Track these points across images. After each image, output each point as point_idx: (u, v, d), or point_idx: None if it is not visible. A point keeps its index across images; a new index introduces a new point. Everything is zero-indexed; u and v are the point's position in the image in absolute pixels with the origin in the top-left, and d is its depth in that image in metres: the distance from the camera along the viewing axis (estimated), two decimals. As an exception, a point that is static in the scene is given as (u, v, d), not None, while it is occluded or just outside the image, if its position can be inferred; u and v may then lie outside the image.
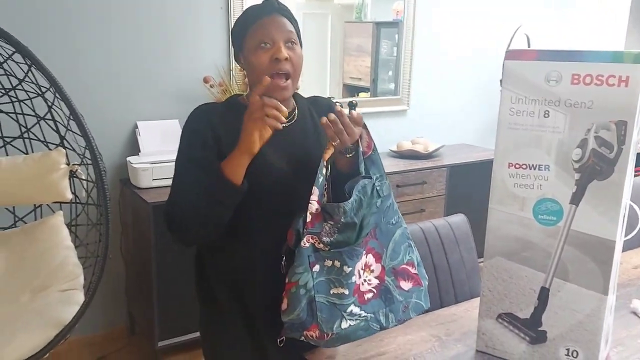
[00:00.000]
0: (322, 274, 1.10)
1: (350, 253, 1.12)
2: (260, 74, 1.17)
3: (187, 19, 2.56)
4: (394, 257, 1.18)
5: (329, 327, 1.08)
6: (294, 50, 1.19)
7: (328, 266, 1.10)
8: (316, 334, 1.08)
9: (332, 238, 1.12)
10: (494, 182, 1.14)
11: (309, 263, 1.09)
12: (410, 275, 1.20)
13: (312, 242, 1.11)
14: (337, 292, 1.09)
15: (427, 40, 3.32)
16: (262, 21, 1.18)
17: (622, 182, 1.02)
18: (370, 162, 1.21)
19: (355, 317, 1.10)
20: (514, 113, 1.10)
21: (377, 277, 1.15)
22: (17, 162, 1.78)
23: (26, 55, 1.60)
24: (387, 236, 1.19)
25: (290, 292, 1.09)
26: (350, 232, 1.13)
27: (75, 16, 2.32)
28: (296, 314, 1.07)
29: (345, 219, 1.11)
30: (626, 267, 1.66)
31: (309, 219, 1.11)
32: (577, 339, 1.09)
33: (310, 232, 1.11)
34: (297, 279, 1.08)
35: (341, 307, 1.09)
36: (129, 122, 2.51)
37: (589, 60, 1.02)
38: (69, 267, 1.70)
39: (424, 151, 3.08)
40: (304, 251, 1.10)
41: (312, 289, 1.08)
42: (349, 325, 1.09)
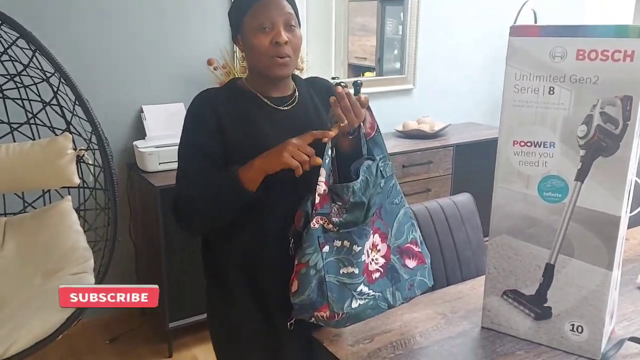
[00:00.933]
0: (332, 254, 1.11)
1: (359, 233, 1.13)
2: (260, 57, 1.17)
3: (190, 1, 2.55)
4: (398, 236, 1.19)
5: (340, 307, 1.09)
6: (293, 32, 1.19)
7: (337, 246, 1.11)
8: (327, 314, 1.09)
9: (341, 218, 1.12)
10: (499, 160, 1.14)
11: (318, 244, 1.10)
12: (415, 254, 1.21)
13: (321, 223, 1.11)
14: (347, 271, 1.10)
15: (432, 18, 3.29)
16: (261, 2, 1.17)
17: (627, 158, 1.02)
18: (373, 143, 1.21)
19: (364, 296, 1.11)
20: (519, 90, 1.09)
21: (384, 256, 1.16)
22: (25, 148, 1.79)
23: (30, 40, 1.60)
24: (392, 216, 1.20)
25: (300, 273, 1.10)
26: (358, 212, 1.13)
27: (80, 2, 2.31)
28: (307, 294, 1.08)
29: (354, 199, 1.12)
30: (633, 243, 1.67)
31: (317, 201, 1.11)
32: (582, 314, 1.10)
33: (319, 213, 1.11)
34: (307, 260, 1.09)
35: (351, 286, 1.10)
36: (134, 106, 2.51)
37: (594, 35, 1.01)
38: (79, 251, 1.73)
39: (430, 130, 3.07)
40: (314, 232, 1.10)
41: (322, 269, 1.09)
42: (359, 305, 1.10)
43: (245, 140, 1.19)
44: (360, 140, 1.20)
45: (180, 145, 1.23)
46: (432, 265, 1.57)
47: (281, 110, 1.25)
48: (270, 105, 1.24)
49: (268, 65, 1.18)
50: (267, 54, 1.16)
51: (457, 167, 3.02)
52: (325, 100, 1.32)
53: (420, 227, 1.57)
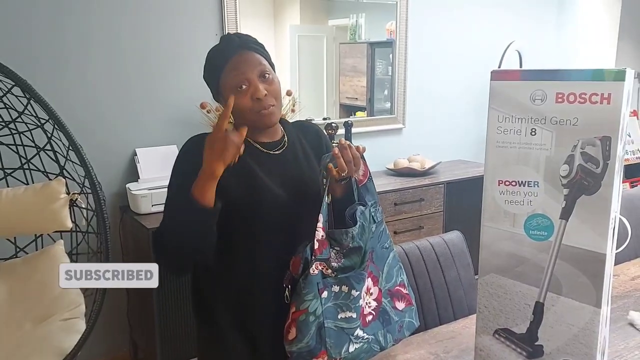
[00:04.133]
0: (330, 299, 1.12)
1: (357, 277, 1.15)
2: (245, 114, 1.20)
3: (183, 46, 2.61)
4: (388, 280, 1.21)
5: (337, 352, 1.09)
6: (270, 81, 1.21)
7: (335, 292, 1.12)
8: None
9: (340, 263, 1.14)
10: (485, 200, 1.16)
11: (317, 290, 1.11)
12: (403, 295, 1.23)
13: (320, 269, 1.12)
14: (346, 316, 1.11)
15: (420, 59, 3.37)
16: (231, 63, 1.19)
17: (609, 196, 1.04)
18: (365, 190, 1.24)
19: (360, 340, 1.12)
20: (502, 131, 1.12)
21: (376, 299, 1.18)
22: (18, 193, 1.80)
23: (25, 88, 1.63)
24: (382, 259, 1.22)
25: (298, 320, 1.09)
26: (356, 256, 1.15)
27: (73, 47, 2.36)
28: (305, 342, 1.08)
29: (353, 244, 1.14)
30: (623, 279, 1.68)
31: (316, 246, 1.12)
32: (573, 352, 1.10)
33: (319, 258, 1.12)
34: (306, 307, 1.09)
35: (349, 330, 1.11)
36: (127, 149, 2.54)
37: (572, 79, 1.05)
38: (71, 296, 1.72)
39: (421, 168, 3.10)
40: (313, 278, 1.11)
41: (321, 315, 1.10)
42: (355, 349, 1.11)
43: (239, 186, 1.20)
44: (351, 185, 1.22)
45: (168, 189, 1.24)
46: (424, 304, 1.58)
47: (272, 155, 1.27)
48: (260, 150, 1.26)
49: (255, 120, 1.20)
50: (251, 111, 1.19)
51: (449, 204, 3.04)
52: (314, 144, 1.35)
53: (411, 266, 1.59)
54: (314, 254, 1.12)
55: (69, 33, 2.34)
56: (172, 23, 2.58)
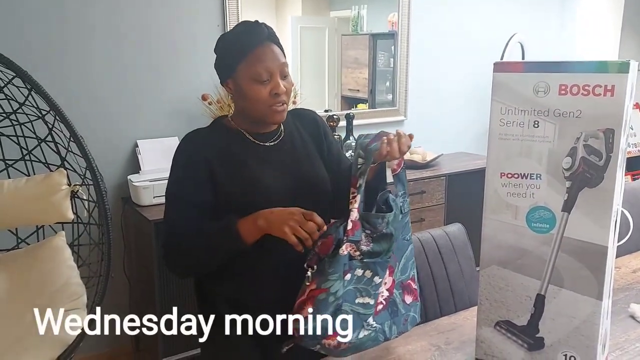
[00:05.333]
0: (352, 282, 1.10)
1: (382, 264, 1.14)
2: (259, 106, 1.20)
3: (184, 37, 2.60)
4: (403, 272, 1.20)
5: (347, 335, 1.08)
6: (288, 80, 1.22)
7: (358, 275, 1.11)
8: (334, 343, 1.08)
9: (369, 247, 1.13)
10: (487, 192, 1.16)
11: (343, 271, 1.09)
12: (412, 290, 1.22)
13: (348, 250, 1.10)
14: (363, 301, 1.11)
15: (422, 50, 3.35)
16: (257, 52, 1.19)
17: (612, 189, 1.04)
18: (397, 179, 1.23)
19: (369, 327, 1.12)
20: (504, 124, 1.12)
21: (388, 289, 1.17)
22: (19, 184, 1.80)
23: (26, 79, 1.62)
24: (402, 251, 1.21)
25: (317, 298, 1.08)
26: (385, 243, 1.15)
27: (74, 38, 2.35)
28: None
29: (386, 230, 1.14)
30: (624, 271, 1.68)
31: (349, 227, 1.10)
32: (574, 344, 1.10)
33: (350, 240, 1.10)
34: (328, 286, 1.08)
35: (363, 316, 1.11)
36: (129, 140, 2.53)
37: (575, 70, 1.04)
38: (72, 287, 1.72)
39: (422, 161, 3.10)
40: (341, 259, 1.09)
41: (341, 297, 1.08)
42: (364, 335, 1.11)
43: (234, 180, 1.21)
44: (381, 171, 1.22)
45: (168, 190, 1.24)
46: (425, 295, 1.59)
47: (267, 146, 1.27)
48: (256, 143, 1.26)
49: (266, 113, 1.21)
50: (265, 104, 1.19)
51: (450, 196, 3.04)
52: (312, 132, 1.35)
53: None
54: (347, 234, 1.10)
55: (70, 24, 2.34)
56: (174, 14, 2.56)
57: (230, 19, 2.67)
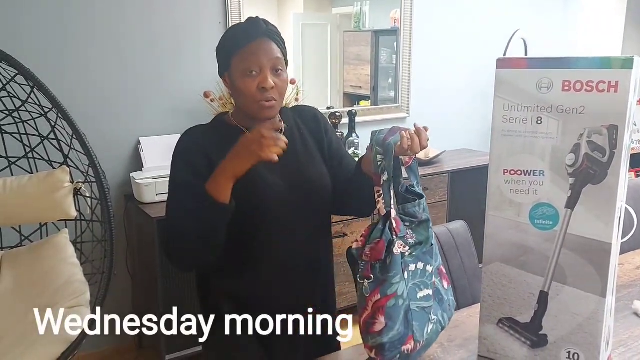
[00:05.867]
0: (410, 279, 1.08)
1: (430, 252, 1.14)
2: (246, 100, 1.19)
3: (186, 34, 2.60)
4: (435, 259, 1.18)
5: (421, 334, 1.07)
6: (280, 77, 1.21)
7: (412, 270, 1.09)
8: (411, 347, 1.05)
9: (414, 239, 1.11)
10: (490, 189, 1.15)
11: (402, 271, 1.06)
12: (444, 275, 1.21)
13: (400, 249, 1.07)
14: (424, 294, 1.09)
15: (424, 47, 3.35)
16: (250, 46, 1.19)
17: (615, 185, 1.03)
18: (410, 171, 1.23)
19: (432, 321, 1.10)
20: (507, 120, 1.11)
21: None
22: (23, 182, 1.80)
23: (29, 77, 1.63)
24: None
25: (387, 306, 1.03)
26: (424, 230, 1.14)
27: (77, 36, 2.35)
28: (397, 329, 1.03)
29: (423, 216, 1.14)
30: (628, 268, 1.67)
31: (394, 225, 1.08)
32: (577, 341, 1.10)
33: (400, 237, 1.08)
34: (394, 290, 1.04)
35: (428, 309, 1.10)
36: (131, 138, 2.54)
37: (579, 66, 1.04)
38: (75, 284, 1.72)
39: (425, 158, 3.09)
40: (397, 258, 1.05)
41: (407, 297, 1.05)
42: (430, 329, 1.09)
43: None
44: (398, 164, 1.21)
45: (170, 185, 1.24)
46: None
47: None
48: None
49: (254, 108, 1.20)
50: (253, 98, 1.18)
51: (453, 194, 3.03)
52: (313, 129, 1.35)
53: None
54: (395, 232, 1.07)
55: (72, 22, 2.34)
56: (175, 11, 2.56)
57: (232, 16, 2.66)
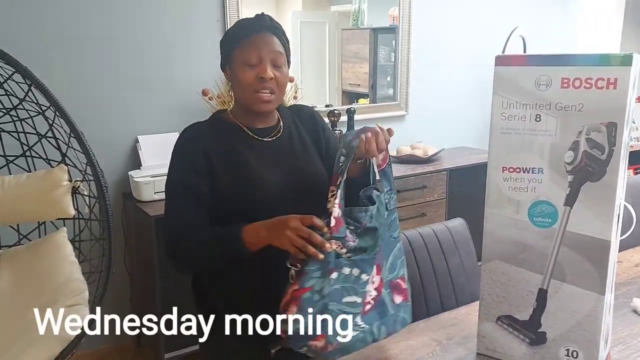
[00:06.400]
0: (339, 281, 1.07)
1: (370, 261, 1.12)
2: (245, 90, 1.20)
3: (184, 32, 2.59)
4: (391, 270, 1.18)
5: (335, 337, 1.06)
6: (280, 70, 1.21)
7: (345, 274, 1.08)
8: (321, 345, 1.05)
9: (355, 243, 1.11)
10: (489, 187, 1.15)
11: (328, 269, 1.06)
12: (402, 290, 1.19)
13: (334, 248, 1.08)
14: (351, 300, 1.08)
15: (423, 45, 3.34)
16: (252, 38, 1.20)
17: (614, 183, 1.03)
18: (382, 175, 1.21)
19: (357, 327, 1.09)
20: (506, 118, 1.11)
21: (376, 288, 1.14)
22: (20, 180, 1.80)
23: (26, 75, 1.62)
24: (389, 249, 1.19)
25: (302, 297, 1.05)
26: (370, 238, 1.13)
27: (74, 34, 2.34)
28: (306, 323, 1.04)
29: (370, 224, 1.12)
30: (627, 266, 1.67)
31: (332, 224, 1.08)
32: (576, 339, 1.10)
33: (334, 237, 1.08)
34: (312, 284, 1.05)
35: (353, 316, 1.08)
36: (129, 136, 2.53)
37: (578, 64, 1.04)
38: (74, 283, 1.72)
39: (424, 155, 3.09)
40: (327, 256, 1.06)
41: (327, 296, 1.06)
42: (352, 337, 1.07)
43: (232, 174, 1.20)
44: (368, 167, 1.21)
45: (168, 183, 1.23)
46: (427, 291, 1.59)
47: (266, 142, 1.26)
48: (254, 137, 1.25)
49: (251, 99, 1.20)
50: (251, 88, 1.19)
51: (452, 191, 3.03)
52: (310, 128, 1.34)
53: (414, 253, 1.59)
54: (330, 231, 1.08)
55: (69, 20, 2.33)
56: (173, 9, 2.55)
57: (230, 13, 2.66)
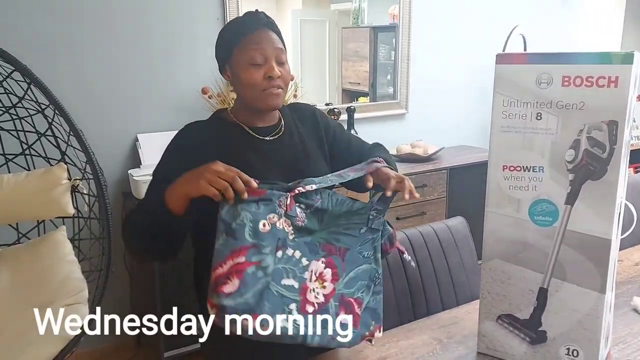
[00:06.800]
0: (282, 261, 1.05)
1: (312, 247, 1.09)
2: (253, 91, 1.19)
3: (184, 30, 2.58)
4: (348, 286, 1.11)
5: (267, 319, 1.00)
6: (283, 67, 1.21)
7: (289, 255, 1.06)
8: (253, 325, 0.99)
9: (303, 223, 1.10)
10: (489, 185, 1.15)
11: (276, 246, 1.04)
12: (353, 313, 1.11)
13: (284, 226, 1.07)
14: (289, 283, 1.04)
15: (423, 43, 3.34)
16: (252, 36, 1.18)
17: (615, 181, 1.03)
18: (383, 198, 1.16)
19: (292, 321, 1.04)
20: (507, 116, 1.11)
21: (325, 295, 1.09)
22: (20, 179, 1.80)
23: (25, 73, 1.62)
24: (353, 264, 1.13)
25: (246, 272, 0.99)
26: (316, 219, 1.12)
27: (74, 32, 2.34)
28: (245, 298, 0.99)
29: (320, 205, 1.12)
30: (627, 264, 1.67)
31: (288, 202, 1.08)
32: (577, 338, 1.10)
33: (288, 215, 1.07)
34: (260, 259, 1.01)
35: (286, 300, 1.03)
36: (129, 135, 2.53)
37: (579, 62, 1.03)
38: (73, 282, 1.72)
39: (424, 154, 3.09)
40: (277, 233, 1.05)
41: (271, 274, 1.02)
42: (283, 326, 1.02)
43: None
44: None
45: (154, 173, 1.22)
46: (427, 289, 1.59)
47: (267, 141, 1.26)
48: (255, 137, 1.25)
49: (260, 98, 1.19)
50: (259, 87, 1.18)
51: (452, 190, 3.03)
52: (311, 128, 1.34)
53: (414, 252, 1.59)
54: (286, 209, 1.07)
55: (69, 18, 2.32)
56: (173, 7, 2.55)
57: (230, 11, 2.65)
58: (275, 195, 1.07)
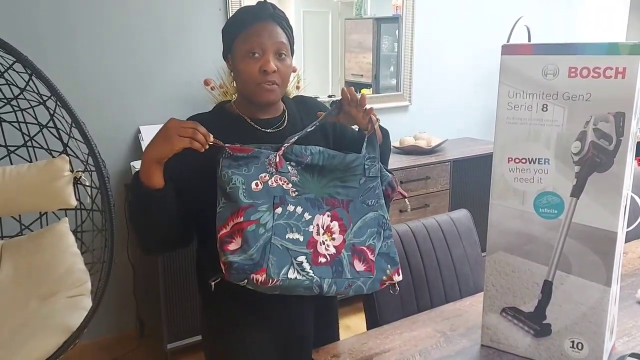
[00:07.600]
0: (283, 217, 1.10)
1: (314, 202, 1.14)
2: (247, 82, 1.18)
3: (186, 21, 2.57)
4: (357, 235, 1.16)
5: (276, 272, 1.06)
6: (283, 61, 1.19)
7: (290, 211, 1.11)
8: (262, 279, 1.05)
9: (297, 179, 1.15)
10: (494, 177, 1.14)
11: (273, 203, 1.10)
12: (367, 259, 1.16)
13: (279, 183, 1.12)
14: (293, 237, 1.10)
15: (426, 35, 3.31)
16: (255, 27, 1.17)
17: (622, 174, 1.02)
18: (368, 142, 1.23)
19: (303, 273, 1.08)
20: (512, 107, 1.10)
21: (336, 246, 1.13)
22: (22, 170, 1.79)
23: (26, 64, 1.60)
24: (359, 214, 1.18)
25: (246, 230, 1.06)
26: (310, 176, 1.16)
27: (75, 23, 2.33)
28: (250, 254, 1.05)
29: (311, 162, 1.16)
30: (632, 257, 1.66)
31: (277, 160, 1.13)
32: (581, 331, 1.09)
33: (280, 172, 1.13)
34: (258, 217, 1.07)
35: (293, 252, 1.08)
36: (131, 127, 2.52)
37: (586, 52, 1.02)
38: (76, 274, 1.72)
39: (427, 146, 3.07)
40: (271, 190, 1.11)
41: (271, 229, 1.08)
42: (295, 277, 1.07)
43: None
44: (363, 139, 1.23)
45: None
46: (430, 281, 1.58)
47: (269, 133, 1.25)
48: (258, 129, 1.24)
49: (254, 91, 1.19)
50: (254, 80, 1.17)
51: (455, 182, 3.02)
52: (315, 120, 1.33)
53: (418, 244, 1.58)
54: (276, 166, 1.12)
55: (71, 9, 2.31)
56: (175, -2, 2.54)
57: (232, 3, 2.63)
58: (263, 154, 1.13)
